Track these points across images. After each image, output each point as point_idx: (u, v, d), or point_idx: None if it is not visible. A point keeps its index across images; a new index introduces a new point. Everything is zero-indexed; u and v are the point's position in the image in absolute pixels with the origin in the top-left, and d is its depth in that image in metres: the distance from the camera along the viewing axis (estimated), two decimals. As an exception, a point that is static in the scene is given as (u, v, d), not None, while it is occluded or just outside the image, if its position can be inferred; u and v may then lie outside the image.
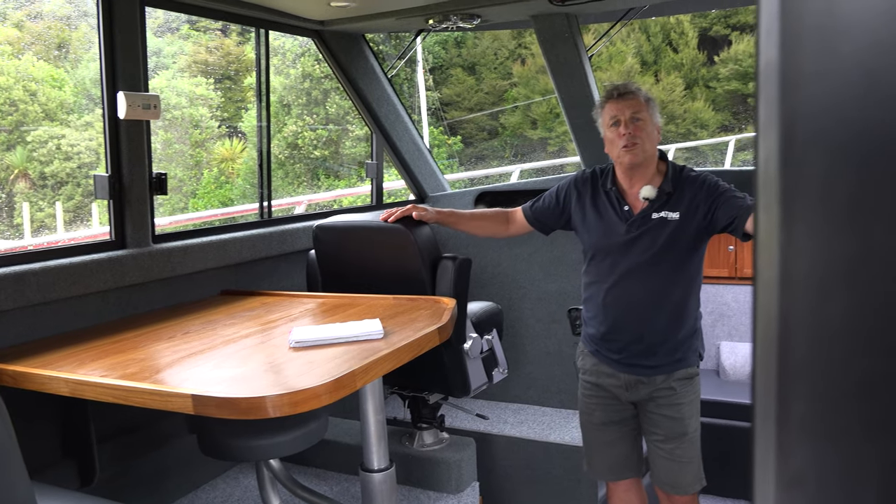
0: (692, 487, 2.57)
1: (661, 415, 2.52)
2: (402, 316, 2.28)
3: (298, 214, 3.29)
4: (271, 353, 1.95)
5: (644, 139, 2.38)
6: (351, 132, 18.84)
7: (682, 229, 2.39)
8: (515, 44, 21.56)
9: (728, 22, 20.25)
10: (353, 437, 3.08)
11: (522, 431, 3.52)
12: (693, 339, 2.52)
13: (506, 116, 21.29)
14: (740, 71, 19.81)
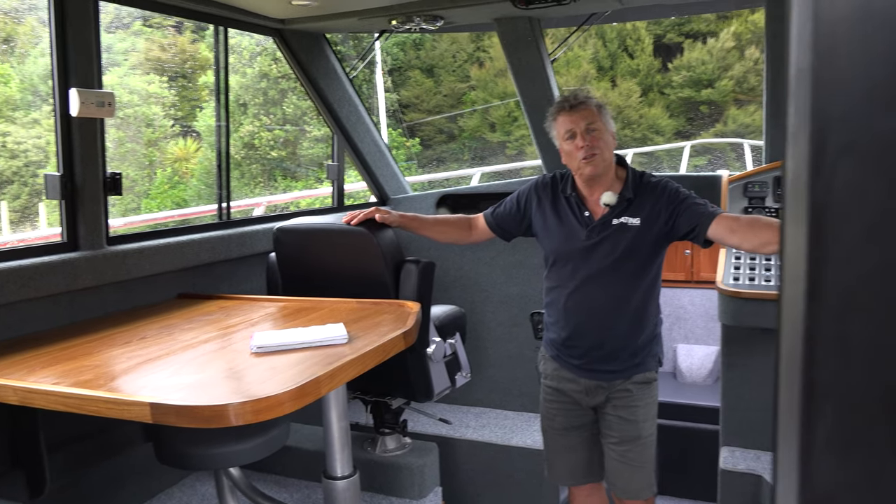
0: (642, 493, 2.58)
1: (616, 416, 2.54)
2: (365, 320, 2.24)
3: (258, 216, 3.23)
4: (232, 358, 1.90)
5: (602, 148, 2.38)
6: (308, 133, 18.65)
7: (643, 235, 2.40)
8: (474, 47, 21.61)
9: (681, 30, 20.63)
10: (314, 444, 3.03)
11: (484, 435, 3.51)
12: (653, 345, 2.54)
13: (464, 119, 21.32)
14: (693, 78, 20.19)
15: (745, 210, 3.28)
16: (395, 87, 20.84)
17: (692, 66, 20.07)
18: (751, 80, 19.76)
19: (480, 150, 21.07)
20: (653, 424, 2.59)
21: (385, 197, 4.01)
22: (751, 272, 2.97)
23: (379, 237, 2.61)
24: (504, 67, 19.69)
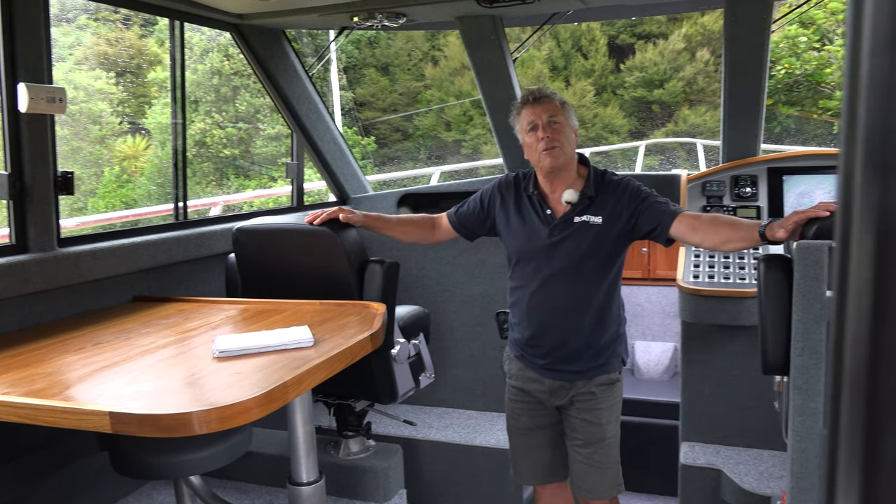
0: (609, 493, 2.59)
1: (581, 419, 2.54)
2: (330, 322, 2.20)
3: (216, 216, 3.15)
4: (193, 364, 1.84)
5: (563, 142, 2.39)
6: (262, 131, 18.38)
7: (605, 233, 2.41)
8: (429, 45, 21.58)
9: (634, 31, 20.94)
10: (277, 448, 2.97)
11: (448, 436, 3.49)
12: (616, 345, 2.55)
13: (420, 118, 21.28)
14: (646, 78, 20.52)
15: (704, 209, 3.34)
16: (351, 86, 20.69)
17: (644, 66, 20.39)
18: (700, 81, 20.17)
19: (436, 149, 21.05)
20: (617, 425, 2.60)
21: (345, 196, 3.96)
22: (710, 270, 3.01)
23: (342, 237, 2.56)
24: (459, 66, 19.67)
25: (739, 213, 3.26)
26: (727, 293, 2.87)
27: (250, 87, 18.06)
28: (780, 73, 19.82)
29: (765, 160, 3.34)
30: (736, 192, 3.30)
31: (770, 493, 2.82)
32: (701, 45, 20.24)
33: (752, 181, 3.29)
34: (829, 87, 18.95)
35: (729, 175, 3.35)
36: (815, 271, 1.82)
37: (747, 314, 2.86)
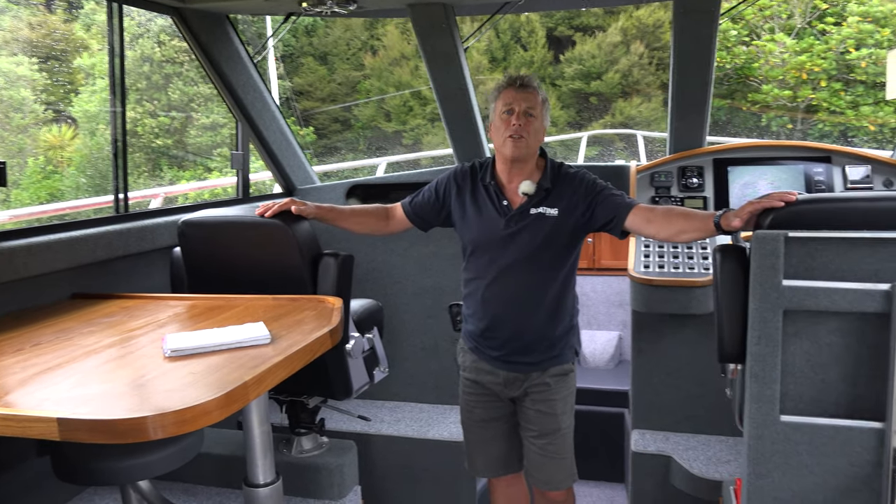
0: (564, 483, 2.61)
1: (535, 410, 2.55)
2: (286, 318, 2.13)
3: (159, 209, 3.02)
4: (144, 364, 1.75)
5: (530, 135, 2.38)
6: (197, 120, 17.86)
7: (561, 225, 2.41)
8: (368, 35, 21.35)
9: (572, 23, 21.18)
10: (229, 448, 2.87)
11: (401, 430, 3.46)
12: (570, 336, 2.56)
13: (359, 108, 21.05)
14: (583, 71, 20.80)
15: (653, 199, 3.38)
16: (288, 75, 20.29)
17: (582, 59, 20.67)
18: (635, 73, 20.58)
19: (376, 140, 20.89)
20: (571, 415, 2.61)
21: (291, 187, 3.86)
22: (660, 260, 3.05)
23: (295, 229, 2.49)
24: (398, 56, 19.54)
25: (687, 203, 3.31)
26: (677, 283, 2.91)
27: (183, 75, 17.52)
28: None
29: (710, 151, 3.40)
30: (683, 182, 3.36)
31: (719, 478, 2.88)
32: (636, 39, 20.64)
33: (698, 172, 3.35)
34: (758, 81, 19.60)
35: (676, 166, 3.41)
36: (771, 261, 1.85)
37: (697, 303, 2.91)
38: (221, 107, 17.97)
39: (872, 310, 1.79)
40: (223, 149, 17.75)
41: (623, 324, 4.76)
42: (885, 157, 3.26)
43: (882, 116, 18.74)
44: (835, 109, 19.15)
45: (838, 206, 1.92)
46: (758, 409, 1.91)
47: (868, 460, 1.84)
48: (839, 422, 1.86)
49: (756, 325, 1.88)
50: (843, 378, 1.89)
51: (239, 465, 2.08)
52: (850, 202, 1.93)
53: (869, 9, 18.78)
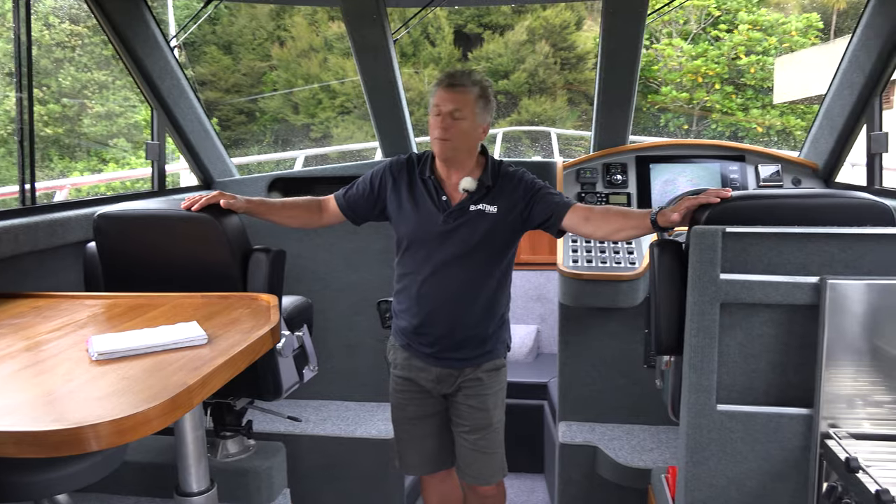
0: (495, 477, 2.62)
1: (467, 405, 2.54)
2: (219, 317, 2.02)
3: (72, 201, 2.81)
4: (68, 369, 1.61)
5: (457, 137, 2.34)
6: (91, 109, 16.90)
7: (500, 223, 2.41)
8: (274, 25, 20.81)
9: (481, 21, 21.38)
10: (157, 455, 2.71)
11: (327, 429, 3.38)
12: (502, 331, 2.57)
13: (266, 100, 20.51)
14: (491, 69, 21.02)
15: (579, 195, 3.43)
16: (191, 63, 19.51)
17: (490, 57, 20.90)
18: (541, 73, 21.02)
19: (283, 132, 20.41)
20: (502, 409, 2.62)
21: (210, 180, 3.69)
22: (588, 255, 3.11)
23: (224, 224, 2.37)
24: (307, 48, 19.10)
25: (611, 199, 3.39)
26: (606, 277, 2.97)
27: (76, 61, 16.55)
28: (614, 67, 21.04)
29: (633, 149, 3.49)
30: (607, 179, 3.43)
31: (644, 466, 2.96)
32: (542, 38, 21.07)
33: (622, 169, 3.43)
34: (657, 83, 20.43)
35: (601, 163, 3.48)
36: (709, 255, 1.91)
37: (624, 297, 2.98)
38: (118, 94, 17.08)
39: (802, 302, 1.88)
40: (120, 139, 16.90)
41: (541, 317, 4.84)
42: (793, 156, 3.44)
43: (769, 119, 19.94)
44: (727, 111, 20.23)
45: (770, 203, 1.99)
46: (696, 399, 1.96)
47: (797, 445, 1.93)
48: (771, 409, 1.94)
49: (694, 317, 1.93)
50: (773, 367, 1.97)
51: (168, 472, 1.97)
52: (780, 199, 2.01)
53: (757, 18, 19.93)
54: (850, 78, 2.98)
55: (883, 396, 1.86)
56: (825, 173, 3.31)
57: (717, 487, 1.99)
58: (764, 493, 1.97)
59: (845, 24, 22.06)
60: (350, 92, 19.30)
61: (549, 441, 3.97)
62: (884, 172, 2.96)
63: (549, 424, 4.01)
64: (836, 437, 1.85)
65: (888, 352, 1.83)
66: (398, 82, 3.33)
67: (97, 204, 2.82)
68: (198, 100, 3.44)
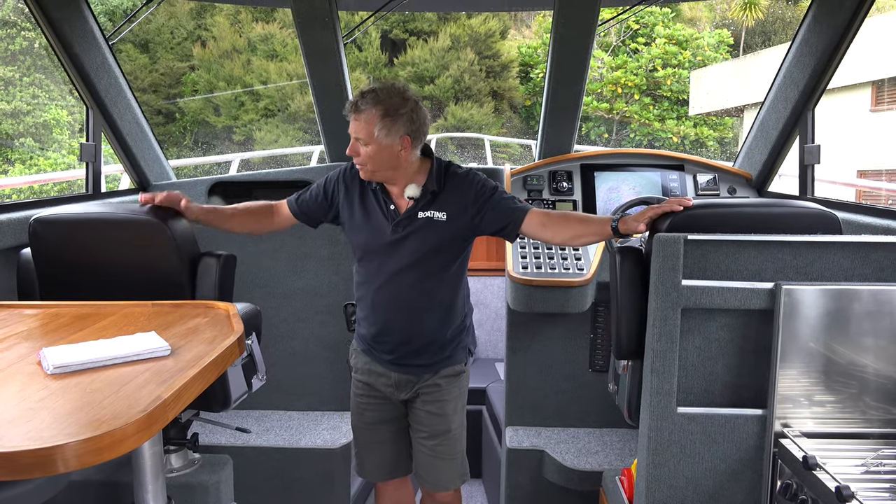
0: (453, 484, 2.61)
1: (426, 411, 2.53)
2: (176, 326, 1.94)
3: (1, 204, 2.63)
4: (23, 384, 1.50)
5: (368, 162, 2.30)
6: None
7: (450, 230, 2.38)
8: (195, 24, 20.24)
9: (406, 27, 21.43)
10: (107, 473, 2.55)
11: (271, 440, 3.29)
12: (462, 336, 2.56)
13: (185, 101, 19.90)
14: (417, 73, 21.10)
15: (526, 202, 3.46)
16: (105, 61, 18.72)
17: (416, 62, 20.97)
18: (466, 79, 21.23)
19: (203, 135, 19.86)
20: (462, 415, 2.61)
21: (146, 183, 3.54)
22: (536, 260, 3.14)
23: (173, 228, 2.28)
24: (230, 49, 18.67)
25: (558, 206, 3.44)
26: (556, 283, 3.00)
27: (-21, 55, 15.62)
28: (539, 76, 21.49)
29: (578, 157, 3.56)
30: (554, 186, 3.48)
31: (590, 468, 3.02)
32: (466, 46, 21.29)
33: (567, 176, 3.49)
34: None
35: (547, 170, 3.53)
36: (672, 262, 1.96)
37: (574, 302, 3.03)
38: (26, 92, 16.20)
39: (757, 306, 1.95)
40: (27, 139, 16.03)
41: (477, 323, 4.86)
42: (727, 166, 3.59)
43: (683, 130, 20.78)
44: (644, 122, 20.97)
45: (727, 212, 2.07)
46: (657, 403, 2.01)
47: (752, 445, 2.00)
48: (728, 410, 2.01)
49: (657, 322, 1.97)
50: (728, 370, 2.04)
51: (121, 490, 1.86)
52: (737, 208, 2.09)
53: (673, 32, 20.75)
54: (785, 92, 3.13)
55: (832, 396, 1.96)
56: (758, 183, 3.46)
57: (675, 488, 2.05)
58: (720, 491, 2.04)
59: (753, 41, 23.24)
60: (274, 95, 18.95)
61: (489, 446, 3.98)
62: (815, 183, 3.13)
63: (489, 430, 4.03)
64: (789, 436, 1.93)
65: (837, 353, 1.93)
66: (347, 86, 3.29)
67: (27, 207, 2.66)
68: (135, 99, 3.29)
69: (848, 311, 1.90)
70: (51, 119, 16.19)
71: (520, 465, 3.22)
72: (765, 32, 23.47)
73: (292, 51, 19.38)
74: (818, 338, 1.92)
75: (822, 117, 3.20)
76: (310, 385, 3.58)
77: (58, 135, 16.21)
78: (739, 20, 21.61)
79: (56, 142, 16.28)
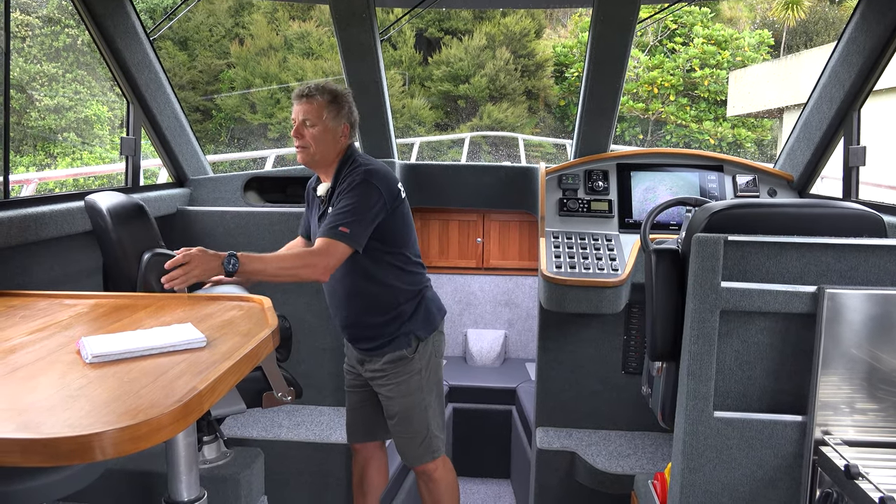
0: (419, 460, 2.76)
1: (380, 394, 2.74)
2: (212, 319, 1.96)
3: (45, 195, 2.68)
4: (63, 372, 1.53)
5: (313, 143, 2.50)
6: (39, 102, 16.34)
7: None
8: (233, 22, 20.49)
9: (441, 26, 21.41)
10: (141, 463, 2.59)
11: (301, 434, 3.31)
12: (404, 324, 2.65)
13: (221, 98, 20.16)
14: (451, 73, 21.07)
15: (560, 201, 3.43)
16: (145, 58, 19.04)
17: (451, 61, 20.94)
18: (501, 78, 21.14)
19: (239, 132, 20.10)
20: (415, 398, 2.70)
21: (183, 178, 3.58)
22: (571, 260, 3.11)
23: None
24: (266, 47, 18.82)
25: (593, 205, 3.40)
26: (590, 283, 2.97)
27: (24, 52, 15.99)
28: (573, 76, 21.34)
29: (614, 156, 3.52)
30: (589, 185, 3.45)
31: (621, 472, 2.98)
32: (502, 45, 21.20)
33: (604, 175, 3.46)
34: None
35: (583, 169, 3.49)
36: (711, 263, 1.92)
37: (608, 303, 2.99)
38: (68, 88, 16.56)
39: (799, 310, 1.90)
40: (70, 133, 16.38)
41: (508, 322, 4.84)
42: (768, 167, 3.52)
43: (721, 132, 20.45)
44: (681, 123, 20.69)
45: (769, 212, 2.02)
46: (693, 406, 1.97)
47: (791, 452, 1.95)
48: (766, 416, 1.96)
49: (694, 324, 1.94)
50: (767, 374, 1.99)
51: (155, 480, 1.88)
52: (779, 208, 2.04)
53: (712, 32, 20.43)
54: (830, 92, 3.05)
55: (875, 404, 1.90)
56: (800, 184, 3.39)
57: (711, 493, 2.01)
58: (757, 499, 1.99)
59: (794, 42, 22.79)
60: (309, 92, 19.06)
61: (519, 447, 3.96)
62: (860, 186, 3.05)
63: (519, 430, 4.01)
64: (830, 443, 1.88)
65: (881, 360, 1.87)
66: (384, 83, 3.30)
67: (69, 200, 2.71)
68: (174, 95, 3.34)
69: (893, 317, 1.84)
70: (92, 115, 16.53)
71: (550, 467, 3.19)
72: (807, 33, 23.00)
73: (328, 49, 19.51)
74: (861, 344, 1.87)
75: (866, 119, 3.12)
76: (340, 381, 3.59)
77: (98, 130, 16.54)
78: (781, 20, 21.20)
79: (97, 137, 16.62)
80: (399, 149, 3.87)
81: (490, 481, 4.26)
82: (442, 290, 4.83)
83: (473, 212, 4.70)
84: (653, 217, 2.70)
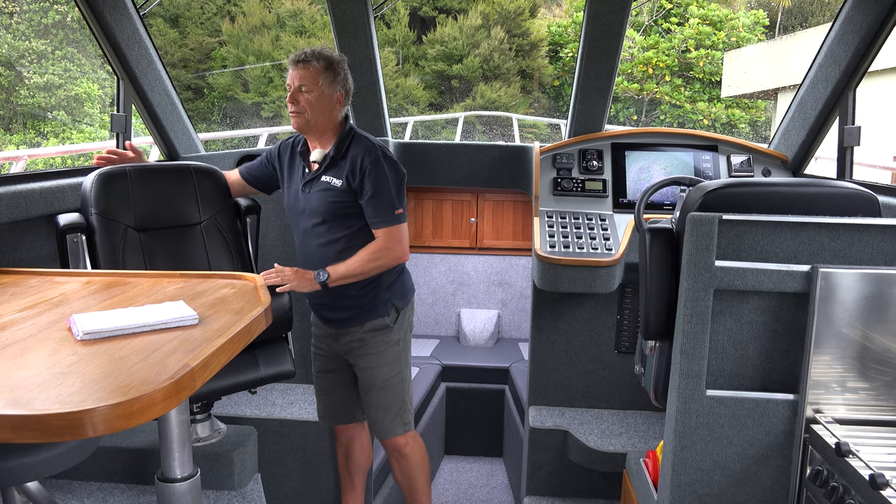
0: (391, 432, 2.76)
1: (357, 365, 2.72)
2: (204, 297, 1.94)
3: (36, 172, 2.66)
4: (53, 349, 1.52)
5: (308, 108, 2.50)
6: (28, 79, 16.16)
7: (345, 195, 2.53)
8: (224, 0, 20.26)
9: (436, 4, 21.22)
10: (134, 440, 2.60)
11: (294, 413, 3.31)
12: (383, 293, 2.67)
13: (214, 76, 19.97)
14: (445, 52, 20.91)
15: (554, 180, 3.42)
16: (136, 35, 18.80)
17: (445, 40, 20.78)
18: (496, 58, 21.00)
19: (232, 111, 19.94)
20: (395, 368, 2.72)
21: (175, 155, 3.55)
22: (564, 240, 3.11)
23: None
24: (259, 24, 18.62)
25: (587, 184, 3.39)
26: (584, 262, 2.97)
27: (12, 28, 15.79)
28: (568, 56, 21.22)
29: (609, 136, 3.50)
30: (584, 165, 3.44)
31: (613, 450, 3.00)
32: (496, 24, 21.03)
33: (598, 155, 3.44)
34: (609, 72, 20.65)
35: (577, 149, 3.48)
36: (705, 242, 1.92)
37: (602, 283, 2.99)
38: (58, 66, 16.37)
39: (793, 289, 1.91)
40: (60, 111, 16.22)
41: (502, 302, 4.85)
42: (762, 147, 3.51)
43: (715, 112, 20.41)
44: (675, 103, 20.63)
45: (763, 191, 2.02)
46: (686, 385, 1.98)
47: (782, 430, 1.96)
48: (758, 395, 1.97)
49: (688, 303, 1.94)
50: (759, 353, 2.00)
51: (147, 457, 1.88)
52: (773, 187, 2.04)
53: (707, 12, 20.31)
54: (826, 72, 3.04)
55: (866, 383, 1.91)
56: (794, 165, 3.38)
57: (702, 471, 2.02)
58: (748, 476, 2.01)
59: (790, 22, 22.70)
60: (302, 71, 18.89)
61: (511, 425, 3.98)
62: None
63: (511, 409, 4.03)
64: (821, 421, 1.89)
65: (873, 339, 1.88)
66: (377, 61, 3.27)
67: (59, 177, 2.68)
68: (166, 71, 3.30)
69: (886, 297, 1.84)
70: (82, 93, 16.36)
71: (543, 445, 3.21)
72: (802, 13, 22.90)
73: (321, 27, 19.32)
74: (854, 323, 1.87)
75: (860, 100, 3.10)
76: None
77: (89, 108, 16.38)
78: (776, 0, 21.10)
79: (88, 115, 16.47)
80: (392, 128, 3.85)
81: (483, 460, 4.29)
82: (435, 269, 4.83)
83: (467, 191, 4.68)
84: (647, 197, 2.69)
